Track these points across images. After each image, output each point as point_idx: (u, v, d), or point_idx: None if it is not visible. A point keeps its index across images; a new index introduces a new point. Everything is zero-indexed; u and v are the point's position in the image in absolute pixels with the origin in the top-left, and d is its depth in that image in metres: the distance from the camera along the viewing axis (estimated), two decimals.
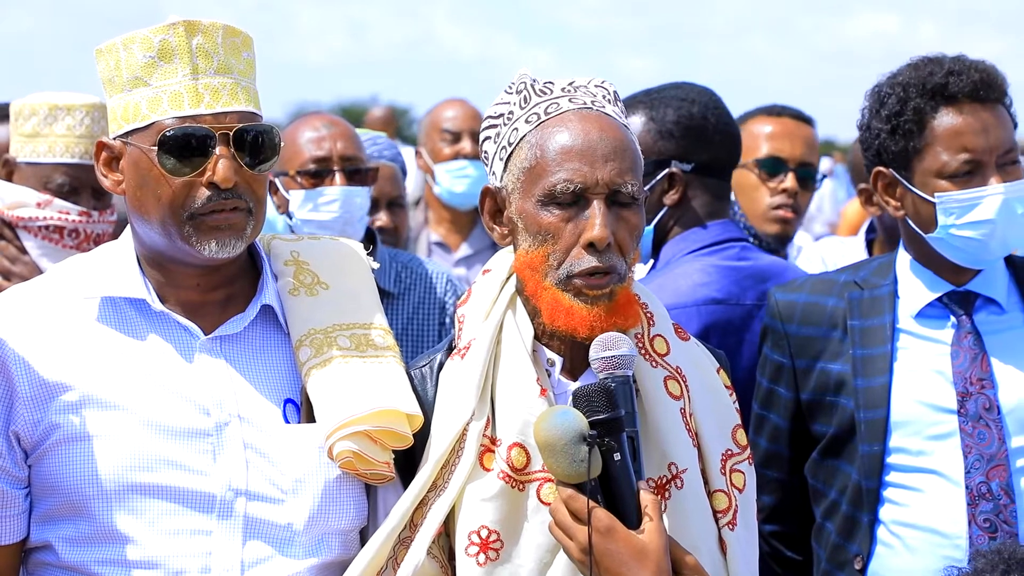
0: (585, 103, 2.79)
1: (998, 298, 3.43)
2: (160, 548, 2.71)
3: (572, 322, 2.71)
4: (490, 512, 2.69)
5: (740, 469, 2.82)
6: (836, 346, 3.49)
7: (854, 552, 3.42)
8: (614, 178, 2.72)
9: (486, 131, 2.87)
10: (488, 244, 6.22)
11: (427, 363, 2.89)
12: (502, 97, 2.86)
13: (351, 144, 4.42)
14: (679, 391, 2.79)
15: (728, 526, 2.77)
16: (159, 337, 2.80)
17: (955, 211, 3.35)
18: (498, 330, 2.79)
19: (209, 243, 2.76)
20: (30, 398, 2.73)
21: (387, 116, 11.24)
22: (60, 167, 4.24)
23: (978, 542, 3.27)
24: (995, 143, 3.35)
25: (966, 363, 3.38)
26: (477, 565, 2.68)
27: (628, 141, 2.77)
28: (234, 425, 2.77)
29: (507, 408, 2.73)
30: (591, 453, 2.51)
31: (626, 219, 2.74)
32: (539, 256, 2.73)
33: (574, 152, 2.72)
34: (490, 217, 2.86)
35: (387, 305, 4.32)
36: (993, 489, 3.30)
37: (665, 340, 2.83)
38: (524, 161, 2.76)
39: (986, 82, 3.37)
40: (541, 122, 2.77)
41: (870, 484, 3.39)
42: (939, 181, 3.37)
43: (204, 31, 2.77)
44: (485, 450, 2.72)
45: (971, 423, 3.33)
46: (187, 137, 2.73)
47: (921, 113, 3.38)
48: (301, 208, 4.37)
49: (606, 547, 2.53)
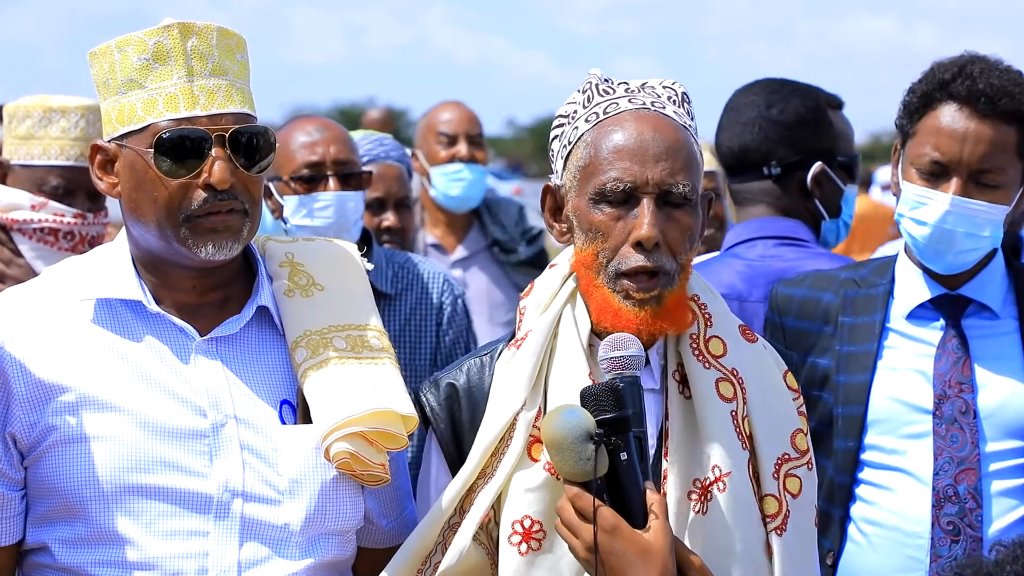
0: (644, 103, 2.80)
1: (992, 304, 3.43)
2: (157, 549, 2.71)
3: (619, 324, 2.72)
4: (534, 503, 2.70)
5: (796, 475, 2.79)
6: (826, 341, 3.51)
7: (827, 548, 3.43)
8: (665, 178, 2.72)
9: (554, 130, 2.89)
10: (483, 246, 6.22)
11: (488, 352, 2.90)
12: (572, 97, 2.88)
13: (344, 148, 4.42)
14: (732, 393, 2.77)
15: (776, 531, 2.74)
16: (155, 339, 2.80)
17: (909, 202, 3.38)
18: (555, 323, 2.81)
19: (206, 245, 2.76)
20: (26, 400, 2.73)
21: (384, 118, 11.22)
22: (55, 169, 4.24)
23: (940, 544, 3.28)
24: (969, 156, 3.32)
25: (947, 366, 3.38)
26: (519, 554, 2.69)
27: (684, 141, 2.77)
28: (231, 426, 2.77)
29: (559, 400, 2.73)
30: (598, 452, 2.52)
31: (677, 219, 2.74)
32: (590, 254, 2.76)
33: (626, 151, 2.73)
34: (550, 215, 2.88)
35: (384, 306, 4.32)
36: (960, 492, 3.30)
37: (722, 341, 2.82)
38: (580, 160, 2.79)
39: (989, 94, 3.32)
40: (599, 121, 2.79)
41: (843, 480, 3.40)
42: (911, 169, 3.39)
43: (198, 33, 2.77)
44: (534, 440, 2.73)
45: (945, 425, 3.34)
46: (183, 139, 2.73)
47: (924, 100, 3.39)
48: (295, 214, 4.37)
49: (611, 546, 2.53)
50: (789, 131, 4.03)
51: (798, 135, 4.03)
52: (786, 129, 4.03)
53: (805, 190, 4.04)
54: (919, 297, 3.45)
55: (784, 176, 4.05)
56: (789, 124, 4.03)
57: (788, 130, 4.03)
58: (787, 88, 4.09)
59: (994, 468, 3.32)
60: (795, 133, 4.03)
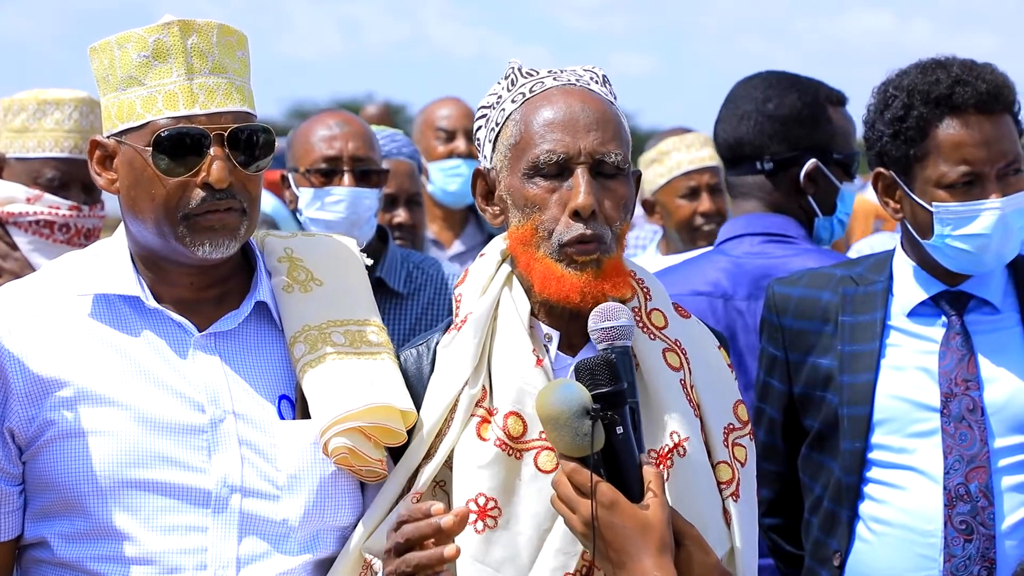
0: (570, 80, 2.82)
1: (992, 299, 3.42)
2: (155, 544, 2.71)
3: (563, 289, 2.73)
4: (486, 479, 2.70)
5: (742, 443, 2.83)
6: (827, 341, 3.49)
7: (834, 548, 3.43)
8: (597, 147, 2.74)
9: (478, 121, 2.90)
10: (480, 241, 6.23)
11: (424, 342, 2.90)
12: (493, 89, 2.89)
13: (363, 144, 4.43)
14: (679, 363, 2.80)
15: (732, 497, 2.78)
16: (153, 334, 2.80)
17: (951, 222, 3.33)
18: (495, 306, 2.81)
19: (203, 244, 2.76)
20: (24, 395, 2.73)
21: (382, 113, 11.21)
22: (50, 162, 4.24)
23: (953, 544, 3.28)
24: (996, 155, 3.32)
25: (952, 364, 3.37)
26: (476, 532, 2.68)
27: (612, 113, 2.80)
28: (229, 421, 2.77)
29: (503, 378, 2.74)
30: (595, 426, 2.51)
31: (612, 189, 2.76)
32: (528, 229, 2.75)
33: (556, 123, 2.75)
34: (482, 199, 2.88)
35: (396, 305, 4.35)
36: (972, 491, 3.29)
37: (663, 314, 2.85)
38: (510, 138, 2.79)
39: (992, 93, 3.33)
40: (526, 100, 2.80)
41: (850, 480, 3.40)
42: (938, 191, 3.34)
43: (199, 30, 2.77)
44: (482, 421, 2.74)
45: (953, 424, 3.33)
46: (182, 137, 2.73)
47: (924, 121, 3.34)
48: (309, 207, 4.40)
49: (610, 520, 2.53)
50: (783, 126, 4.02)
51: (792, 130, 4.02)
52: (780, 124, 4.02)
53: (798, 186, 4.04)
54: (920, 294, 3.44)
55: (777, 171, 4.04)
56: (783, 119, 4.02)
57: (782, 125, 4.02)
58: (786, 82, 4.08)
59: (1003, 464, 3.32)
60: (789, 128, 4.02)
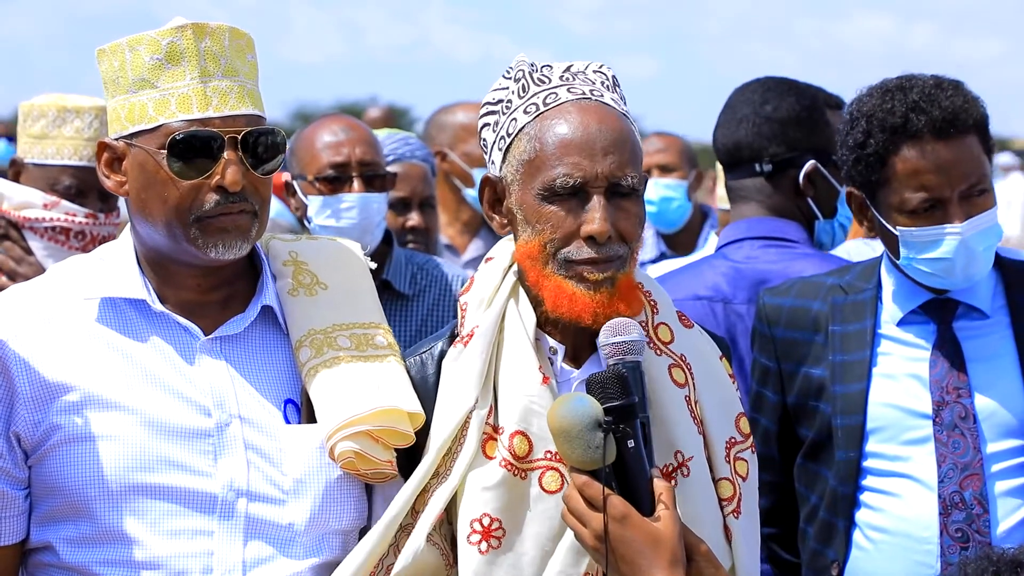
0: (583, 93, 2.79)
1: (980, 305, 3.40)
2: (162, 549, 2.71)
3: (576, 309, 2.72)
4: (492, 500, 2.69)
5: (743, 457, 2.83)
6: (818, 351, 3.48)
7: (831, 558, 3.42)
8: (614, 171, 2.72)
9: (484, 118, 2.87)
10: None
11: (427, 350, 2.89)
12: (500, 83, 2.86)
13: (370, 149, 4.42)
14: (684, 379, 2.79)
15: (733, 514, 2.78)
16: (159, 338, 2.80)
17: (915, 246, 3.32)
18: (500, 319, 2.80)
19: (216, 245, 2.77)
20: (31, 399, 2.73)
21: (386, 116, 11.18)
22: (67, 169, 4.26)
23: (949, 552, 3.27)
24: (956, 179, 3.28)
25: (943, 372, 3.36)
26: (479, 553, 2.68)
27: (627, 132, 2.78)
28: (235, 426, 2.77)
29: (509, 396, 2.74)
30: (606, 439, 2.51)
31: (627, 209, 2.75)
32: (536, 245, 2.74)
33: (573, 145, 2.72)
34: (489, 207, 2.86)
35: (402, 307, 4.34)
36: (966, 499, 3.28)
37: (669, 328, 2.84)
38: (523, 153, 2.77)
39: (948, 119, 3.28)
40: (540, 113, 2.77)
41: (845, 490, 3.39)
42: (899, 216, 3.33)
43: (211, 34, 2.77)
44: (488, 438, 2.73)
45: (946, 432, 3.32)
46: (196, 140, 2.73)
47: (883, 148, 3.32)
48: (319, 215, 4.37)
49: (621, 534, 2.52)
50: (782, 127, 4.00)
51: (791, 132, 4.00)
52: (779, 125, 4.01)
53: (797, 188, 4.02)
54: (909, 303, 3.42)
55: (776, 173, 4.02)
56: (782, 120, 4.01)
57: (781, 126, 4.00)
58: (784, 86, 4.07)
59: (996, 469, 3.31)
60: (788, 130, 4.00)
